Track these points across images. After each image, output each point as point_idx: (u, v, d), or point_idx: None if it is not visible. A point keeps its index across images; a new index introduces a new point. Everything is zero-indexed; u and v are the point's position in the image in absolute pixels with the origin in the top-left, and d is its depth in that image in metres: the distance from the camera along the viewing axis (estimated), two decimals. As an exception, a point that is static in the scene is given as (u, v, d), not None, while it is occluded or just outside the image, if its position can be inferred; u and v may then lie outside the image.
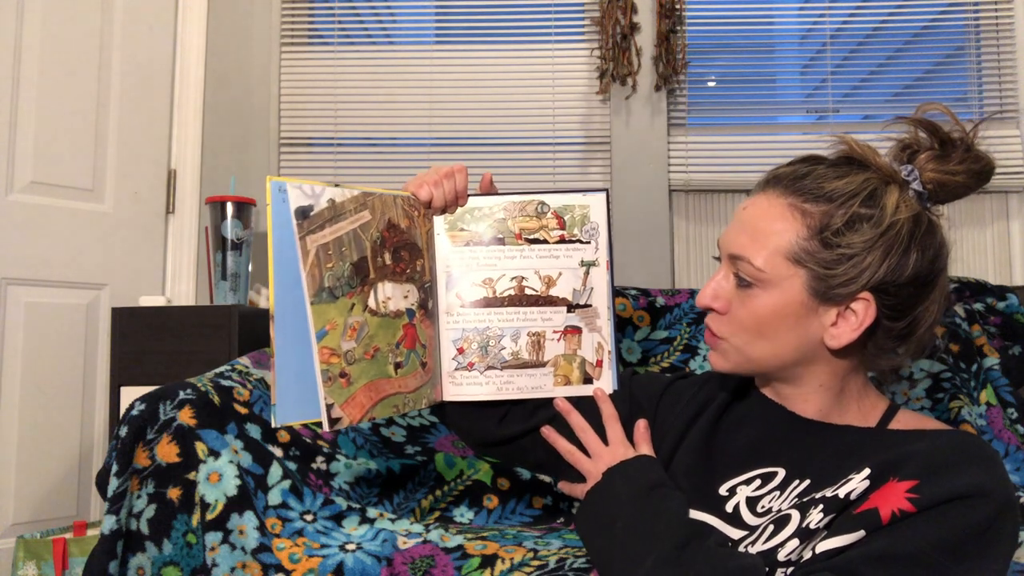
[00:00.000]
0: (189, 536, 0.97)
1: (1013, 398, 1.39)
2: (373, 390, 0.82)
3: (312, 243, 0.78)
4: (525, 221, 0.93)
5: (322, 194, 0.79)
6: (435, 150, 2.23)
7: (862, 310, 0.73)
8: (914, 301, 0.74)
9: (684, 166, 2.16)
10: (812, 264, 0.73)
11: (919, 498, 0.63)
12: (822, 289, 0.73)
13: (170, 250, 2.04)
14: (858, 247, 0.72)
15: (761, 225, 0.75)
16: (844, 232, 0.72)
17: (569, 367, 0.92)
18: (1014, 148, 2.10)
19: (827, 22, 2.21)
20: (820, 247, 0.73)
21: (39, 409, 1.79)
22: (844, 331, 0.74)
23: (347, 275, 0.81)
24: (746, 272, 0.76)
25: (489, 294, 0.92)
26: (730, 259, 0.78)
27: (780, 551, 0.67)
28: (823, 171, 0.75)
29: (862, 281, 0.72)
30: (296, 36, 2.28)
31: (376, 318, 0.83)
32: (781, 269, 0.74)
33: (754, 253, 0.75)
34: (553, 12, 2.22)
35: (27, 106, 1.80)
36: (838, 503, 0.67)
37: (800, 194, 0.74)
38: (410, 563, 0.95)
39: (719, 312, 0.79)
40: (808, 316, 0.74)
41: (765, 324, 0.75)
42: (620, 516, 0.77)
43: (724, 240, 0.79)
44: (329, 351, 0.78)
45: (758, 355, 0.77)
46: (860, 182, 0.74)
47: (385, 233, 0.85)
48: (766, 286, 0.75)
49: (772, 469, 0.77)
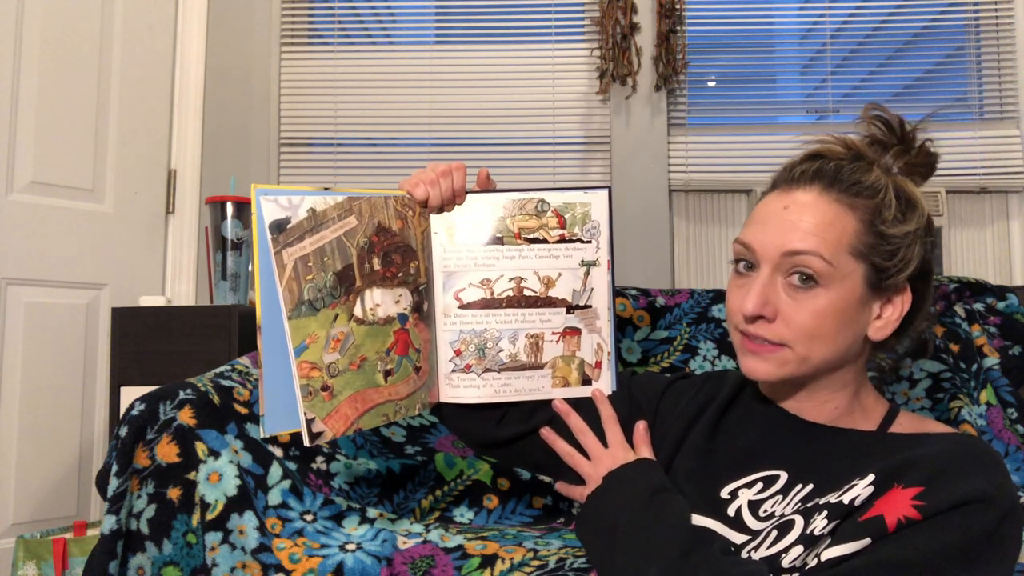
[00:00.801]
0: (189, 536, 0.97)
1: (1013, 398, 1.38)
2: (359, 401, 0.82)
3: (289, 256, 0.76)
4: (524, 220, 0.91)
5: (300, 204, 0.77)
6: (435, 150, 2.23)
7: (900, 299, 0.75)
8: (927, 289, 0.78)
9: (684, 166, 2.16)
10: (874, 256, 0.73)
11: (925, 505, 0.63)
12: (876, 281, 0.74)
13: (170, 250, 2.04)
14: (908, 237, 0.74)
15: (815, 221, 0.73)
16: (896, 222, 0.74)
17: (567, 369, 0.92)
18: (1014, 148, 2.09)
19: (827, 22, 2.21)
20: (877, 239, 0.73)
21: (39, 409, 1.79)
22: (888, 321, 0.75)
23: (330, 285, 0.79)
24: (815, 268, 0.72)
25: (487, 295, 0.91)
26: (786, 258, 0.73)
27: (784, 557, 0.67)
28: (848, 165, 0.76)
29: (910, 270, 0.74)
30: (296, 36, 2.28)
31: (363, 327, 0.82)
32: (845, 264, 0.73)
33: (822, 248, 0.72)
34: (553, 12, 2.23)
35: (27, 106, 1.81)
36: (842, 509, 0.67)
37: (843, 189, 0.74)
38: (410, 563, 0.95)
39: (768, 319, 0.74)
40: (862, 311, 0.75)
41: (826, 324, 0.73)
42: (621, 522, 0.76)
43: (767, 241, 0.74)
44: (309, 365, 0.77)
45: (818, 358, 0.74)
46: (883, 173, 0.76)
47: (374, 238, 0.83)
48: (829, 282, 0.72)
49: (774, 472, 0.76)
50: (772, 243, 0.74)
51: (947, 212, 2.07)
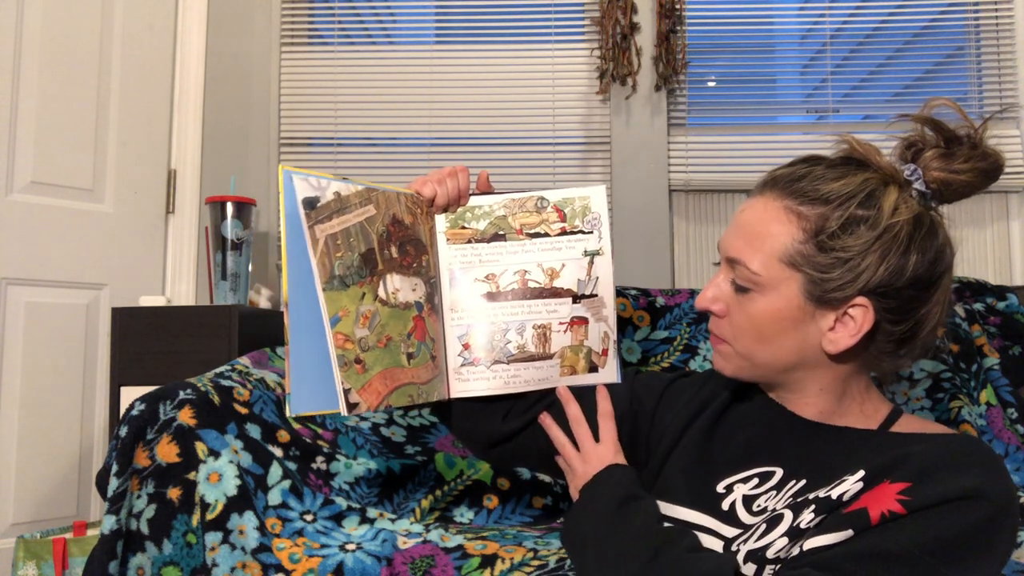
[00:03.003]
0: (189, 536, 0.97)
1: (1013, 398, 1.39)
2: (388, 378, 0.82)
3: (321, 232, 0.79)
4: (525, 216, 0.94)
5: (328, 187, 0.81)
6: (435, 150, 2.23)
7: (860, 316, 0.72)
8: (915, 304, 0.72)
9: (684, 166, 2.16)
10: (808, 268, 0.72)
11: (910, 500, 0.63)
12: (818, 293, 0.72)
13: (170, 250, 2.04)
14: (854, 250, 0.70)
15: (757, 228, 0.74)
16: (840, 235, 0.71)
17: (575, 358, 0.93)
18: (1014, 148, 2.09)
19: (827, 22, 2.21)
20: (816, 251, 0.71)
21: (39, 409, 1.79)
22: (842, 336, 0.73)
23: (356, 264, 0.81)
24: (742, 276, 0.75)
25: (493, 289, 0.92)
26: (728, 263, 0.77)
27: (769, 549, 0.68)
28: (821, 172, 0.74)
29: (859, 285, 0.71)
30: (296, 36, 2.28)
31: (387, 308, 0.84)
32: (776, 273, 0.73)
33: (750, 257, 0.74)
34: (553, 12, 2.22)
35: (27, 106, 1.80)
36: (830, 504, 0.67)
37: (796, 196, 0.73)
38: (410, 563, 0.95)
39: (718, 315, 0.79)
40: (805, 320, 0.73)
41: (763, 328, 0.75)
42: (590, 536, 0.78)
43: (722, 243, 0.79)
44: (344, 337, 0.79)
45: (759, 360, 0.77)
46: (858, 183, 0.72)
47: (391, 228, 0.86)
48: (763, 290, 0.74)
49: (770, 468, 0.77)
50: (722, 246, 0.79)
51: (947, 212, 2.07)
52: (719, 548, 0.73)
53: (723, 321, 0.78)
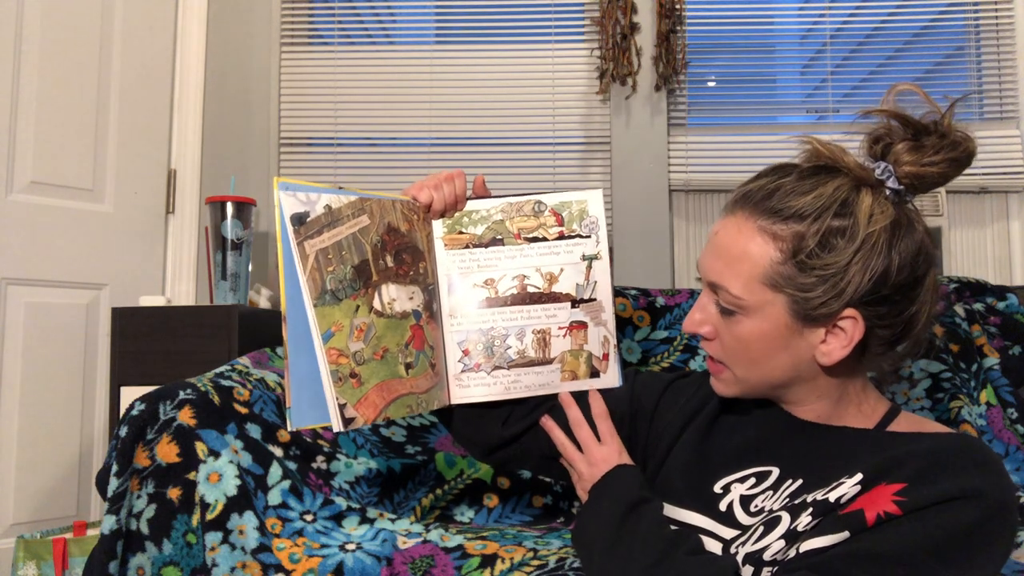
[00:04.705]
0: (189, 536, 0.97)
1: (1013, 398, 1.39)
2: (386, 390, 0.83)
3: (311, 248, 0.79)
4: (523, 221, 0.93)
5: (318, 200, 0.80)
6: (435, 150, 2.23)
7: (850, 327, 0.71)
8: (904, 305, 0.72)
9: (684, 166, 2.16)
10: (790, 288, 0.70)
11: (905, 501, 0.63)
12: (804, 311, 0.71)
13: (170, 250, 2.04)
14: (835, 267, 0.69)
15: (734, 251, 0.73)
16: (818, 253, 0.69)
17: (576, 362, 0.93)
18: (1014, 148, 2.09)
19: (827, 22, 2.21)
20: (796, 271, 0.70)
21: (39, 409, 1.79)
22: (835, 348, 0.72)
23: (349, 278, 0.81)
24: (726, 300, 0.74)
25: (492, 295, 0.92)
26: (709, 287, 0.76)
27: (766, 552, 0.68)
28: (791, 184, 0.72)
29: (844, 299, 0.70)
30: (296, 36, 2.28)
31: (383, 319, 0.84)
32: (759, 295, 0.72)
33: (730, 281, 0.73)
34: (553, 12, 2.23)
35: (27, 106, 1.80)
36: (828, 507, 0.67)
37: (768, 215, 0.71)
38: (410, 563, 0.95)
39: (707, 338, 0.78)
40: (795, 338, 0.73)
41: (754, 350, 0.74)
42: (597, 541, 0.78)
43: (702, 266, 0.77)
44: (337, 352, 0.79)
45: (755, 381, 0.77)
46: (830, 193, 0.70)
47: (385, 237, 0.86)
48: (748, 312, 0.73)
49: (767, 468, 0.77)
50: (702, 268, 0.77)
51: (947, 212, 2.07)
52: (718, 550, 0.73)
53: (714, 343, 0.78)
